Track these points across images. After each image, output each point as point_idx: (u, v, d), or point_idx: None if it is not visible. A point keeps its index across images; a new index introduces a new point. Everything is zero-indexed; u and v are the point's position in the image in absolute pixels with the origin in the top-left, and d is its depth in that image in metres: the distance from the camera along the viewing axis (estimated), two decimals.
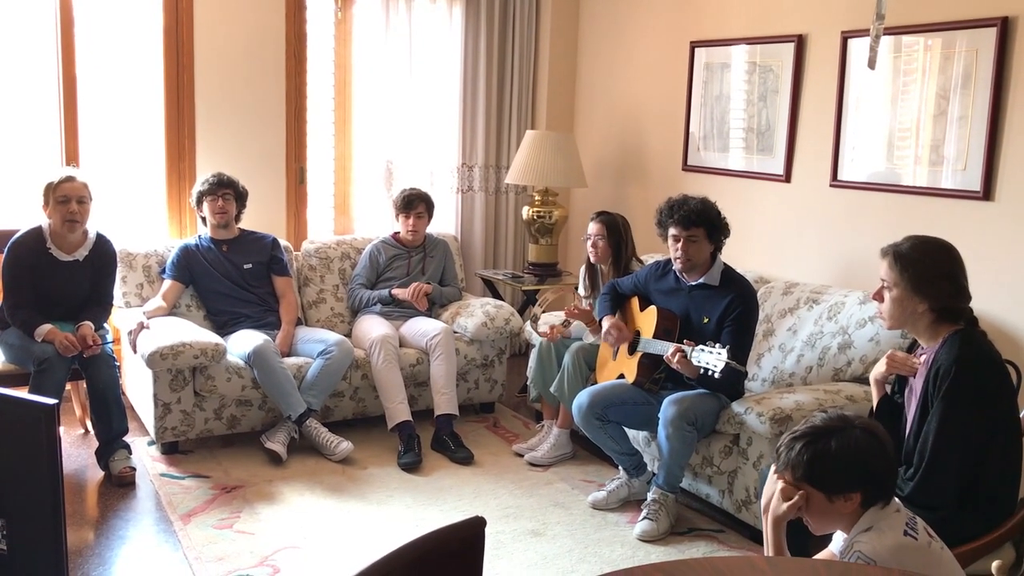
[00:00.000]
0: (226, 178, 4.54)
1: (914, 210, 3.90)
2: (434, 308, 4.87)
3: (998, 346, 2.64)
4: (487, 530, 1.64)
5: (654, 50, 5.24)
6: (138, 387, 4.34)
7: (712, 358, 3.29)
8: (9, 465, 1.93)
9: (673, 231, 3.61)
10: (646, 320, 3.77)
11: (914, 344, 2.75)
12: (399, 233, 4.91)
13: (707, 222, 3.59)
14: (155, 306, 4.39)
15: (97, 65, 4.74)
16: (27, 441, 1.89)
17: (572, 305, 4.20)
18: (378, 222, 5.43)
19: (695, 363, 3.37)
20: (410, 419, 4.30)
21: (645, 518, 3.57)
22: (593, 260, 4.35)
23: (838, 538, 2.10)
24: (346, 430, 4.40)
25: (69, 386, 4.22)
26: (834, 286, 4.12)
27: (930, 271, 2.55)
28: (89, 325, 3.91)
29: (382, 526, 3.59)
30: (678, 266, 3.67)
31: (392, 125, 5.41)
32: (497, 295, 5.41)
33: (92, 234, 4.05)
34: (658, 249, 4.55)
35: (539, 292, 4.90)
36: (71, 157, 4.66)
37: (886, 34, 3.73)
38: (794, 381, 3.93)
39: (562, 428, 4.28)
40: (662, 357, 3.54)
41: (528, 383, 4.61)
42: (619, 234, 4.28)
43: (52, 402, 1.87)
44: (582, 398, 3.74)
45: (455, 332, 4.65)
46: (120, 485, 3.86)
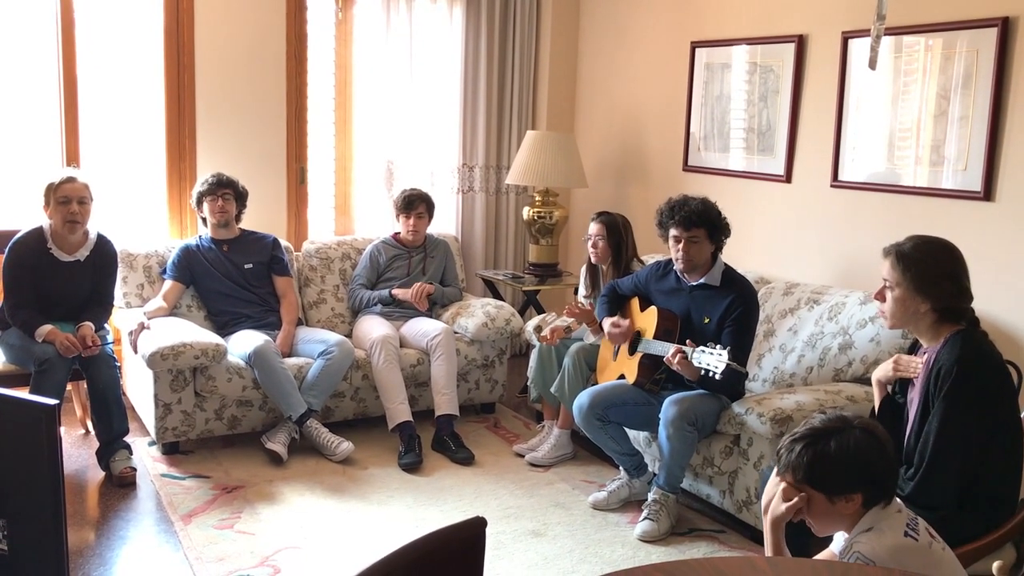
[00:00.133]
0: (225, 178, 4.54)
1: (915, 210, 3.90)
2: (435, 308, 4.87)
3: (999, 346, 2.64)
4: (488, 530, 1.64)
5: (655, 50, 5.24)
6: (139, 387, 4.34)
7: (713, 359, 3.29)
8: (10, 465, 1.93)
9: (674, 232, 3.61)
10: (646, 320, 3.77)
11: (915, 344, 2.75)
12: (399, 233, 4.90)
13: (708, 223, 3.59)
14: (156, 306, 4.39)
15: (98, 65, 4.74)
16: (28, 441, 1.89)
17: (572, 304, 4.20)
18: (379, 222, 5.43)
19: (696, 364, 3.37)
20: (411, 419, 4.30)
21: (646, 518, 3.57)
22: (594, 260, 4.35)
23: (839, 538, 2.10)
24: (347, 430, 4.40)
25: (70, 386, 4.22)
26: (835, 286, 4.11)
27: (932, 271, 2.55)
28: (89, 326, 3.91)
29: (383, 526, 3.59)
30: (679, 267, 3.67)
31: (393, 125, 5.41)
32: (498, 295, 5.41)
33: (93, 234, 4.05)
34: (659, 249, 4.55)
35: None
36: (72, 158, 4.66)
37: (887, 34, 3.73)
38: (795, 382, 3.93)
39: (563, 428, 4.28)
40: (662, 358, 3.54)
41: (529, 383, 4.60)
42: (619, 234, 4.28)
43: (53, 402, 1.88)
44: (583, 398, 3.74)
45: (456, 332, 4.65)
46: (121, 485, 3.86)
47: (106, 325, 4.12)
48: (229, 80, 4.95)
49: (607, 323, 3.87)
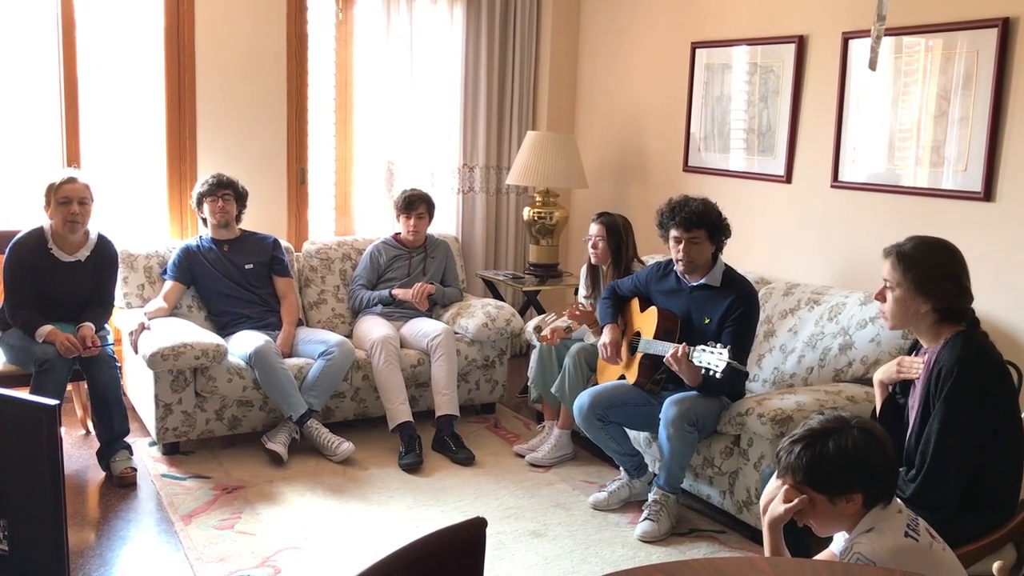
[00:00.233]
0: (225, 179, 4.54)
1: (915, 211, 3.90)
2: (435, 309, 4.88)
3: (999, 347, 2.64)
4: (488, 531, 1.64)
5: (655, 51, 5.24)
6: (139, 388, 4.35)
7: (713, 358, 3.29)
8: (10, 466, 1.94)
9: (675, 233, 3.61)
10: (647, 321, 3.77)
11: (915, 344, 2.75)
12: (400, 234, 4.91)
13: (708, 223, 3.59)
14: (156, 307, 4.39)
15: (98, 66, 4.75)
16: (28, 442, 1.90)
17: (573, 306, 4.20)
18: (379, 223, 5.43)
19: (696, 363, 3.37)
20: (411, 420, 4.30)
21: (646, 519, 3.57)
22: (594, 261, 4.35)
23: (839, 539, 2.10)
24: (347, 431, 4.40)
25: (70, 387, 4.22)
26: (835, 287, 4.11)
27: (933, 271, 2.55)
28: (90, 326, 3.92)
29: (383, 527, 3.59)
30: (680, 268, 3.67)
31: (393, 126, 5.41)
32: (498, 296, 5.41)
33: (93, 235, 4.05)
34: (659, 250, 4.54)
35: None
36: (72, 158, 4.66)
37: (887, 35, 3.73)
38: (795, 382, 3.93)
39: (563, 429, 4.28)
40: (663, 358, 3.54)
41: (529, 384, 4.60)
42: (620, 235, 4.28)
43: (53, 403, 1.88)
44: (583, 399, 3.74)
45: (456, 333, 4.65)
46: (121, 486, 3.86)
47: (106, 325, 4.12)
48: (229, 81, 4.95)
49: (607, 333, 3.84)
